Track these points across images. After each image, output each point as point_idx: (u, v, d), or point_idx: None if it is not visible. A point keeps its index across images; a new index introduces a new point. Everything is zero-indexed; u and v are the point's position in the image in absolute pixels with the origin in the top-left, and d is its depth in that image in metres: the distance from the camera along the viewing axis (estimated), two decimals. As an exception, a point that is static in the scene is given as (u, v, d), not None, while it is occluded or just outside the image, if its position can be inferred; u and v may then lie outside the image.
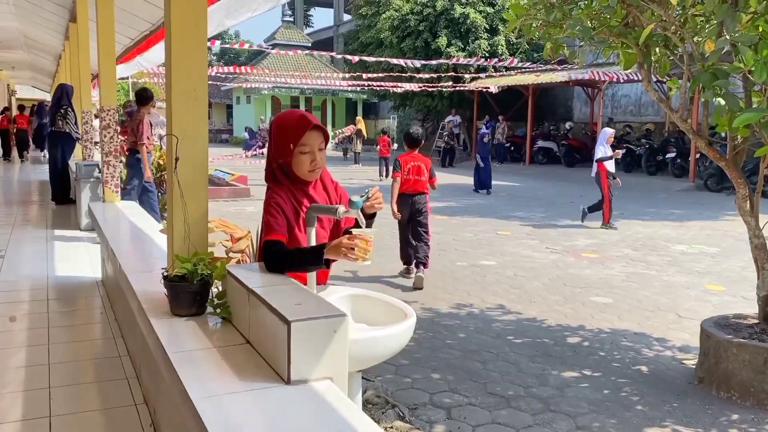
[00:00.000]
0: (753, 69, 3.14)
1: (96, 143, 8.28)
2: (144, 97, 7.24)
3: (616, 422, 3.59)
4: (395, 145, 20.31)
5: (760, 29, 3.33)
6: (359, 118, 26.74)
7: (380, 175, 18.61)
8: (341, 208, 2.11)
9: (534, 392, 3.95)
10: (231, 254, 2.75)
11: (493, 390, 3.97)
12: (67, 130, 8.75)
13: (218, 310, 2.21)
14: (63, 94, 8.97)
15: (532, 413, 3.65)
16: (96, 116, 8.64)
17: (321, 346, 1.71)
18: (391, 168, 13.56)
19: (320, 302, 1.86)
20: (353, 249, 1.99)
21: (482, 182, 15.05)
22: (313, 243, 2.21)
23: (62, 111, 8.71)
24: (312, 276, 2.24)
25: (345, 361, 1.75)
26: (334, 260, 2.15)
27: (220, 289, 2.25)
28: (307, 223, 2.21)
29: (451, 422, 3.54)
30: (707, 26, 3.80)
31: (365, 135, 24.94)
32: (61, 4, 8.85)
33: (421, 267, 6.49)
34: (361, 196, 2.17)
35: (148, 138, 6.89)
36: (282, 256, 2.14)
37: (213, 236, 2.59)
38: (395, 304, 2.39)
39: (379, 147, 19.38)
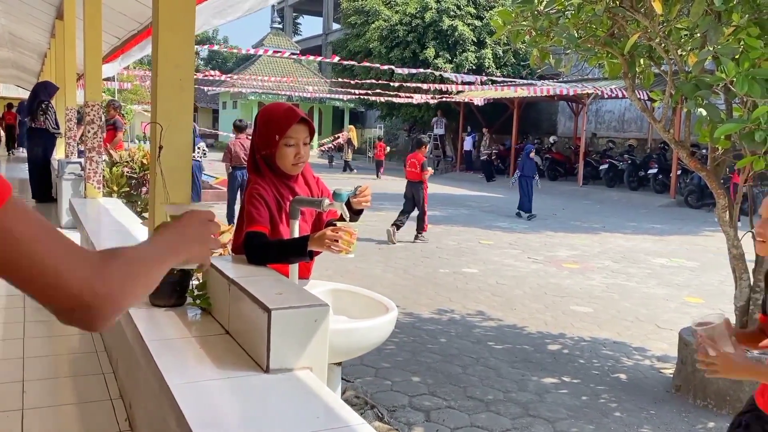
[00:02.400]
0: (735, 80, 3.18)
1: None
2: (240, 126, 9.93)
3: (594, 428, 3.60)
4: (388, 149, 24.00)
5: (742, 42, 3.39)
6: (351, 126, 26.93)
7: (376, 175, 21.94)
8: (326, 201, 2.10)
9: (513, 397, 3.95)
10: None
11: (473, 394, 3.97)
12: (46, 126, 8.65)
13: (198, 301, 2.18)
14: (41, 90, 8.87)
15: (510, 417, 3.66)
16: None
17: (301, 336, 1.70)
18: (383, 169, 21.72)
19: (302, 292, 1.85)
20: (337, 241, 1.98)
21: (528, 203, 12.81)
22: (297, 236, 2.20)
23: (43, 106, 8.61)
24: (294, 270, 2.23)
25: (325, 352, 1.74)
26: (317, 252, 2.14)
27: (200, 280, 2.23)
28: (290, 215, 2.20)
29: (429, 425, 3.53)
30: (690, 39, 3.86)
31: (355, 144, 25.12)
32: (47, 0, 8.78)
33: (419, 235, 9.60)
34: (348, 191, 2.17)
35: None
36: (264, 247, 2.13)
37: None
38: (377, 298, 2.39)
39: (375, 151, 23.25)
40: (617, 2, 3.73)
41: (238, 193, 9.50)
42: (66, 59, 7.97)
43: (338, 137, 26.71)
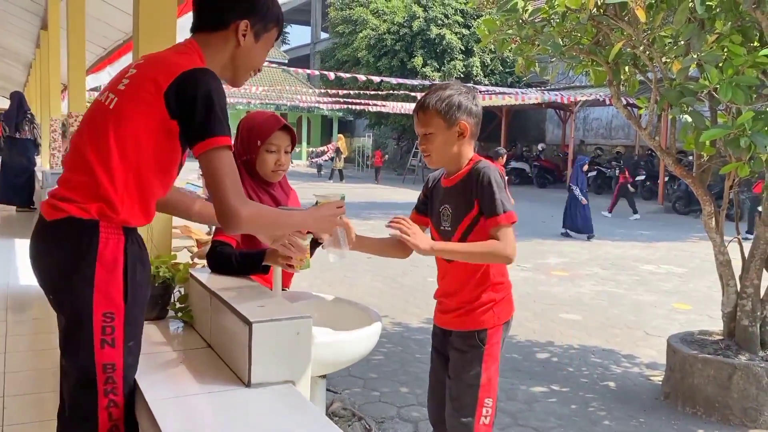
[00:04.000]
0: (718, 87, 3.19)
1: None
2: None
3: (583, 437, 3.58)
4: (386, 156, 27.20)
5: (726, 49, 3.41)
6: (340, 136, 27.27)
7: (376, 180, 24.56)
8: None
9: (502, 406, 3.92)
10: (196, 260, 2.70)
11: (462, 404, 3.94)
12: (30, 137, 8.70)
13: (180, 314, 2.16)
14: (23, 100, 8.94)
15: (500, 427, 3.62)
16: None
17: (283, 349, 1.67)
18: (381, 174, 25.45)
19: (283, 304, 1.83)
20: (290, 258, 2.00)
21: (584, 223, 11.22)
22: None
23: (29, 116, 8.66)
24: (277, 281, 2.20)
25: (308, 365, 1.71)
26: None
27: (182, 292, 2.20)
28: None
29: (418, 436, 3.50)
30: (674, 47, 3.88)
31: (344, 153, 25.41)
32: (32, 10, 8.74)
33: None
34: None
35: None
36: (225, 257, 2.13)
37: (178, 242, 2.54)
38: (361, 309, 2.36)
39: (374, 159, 26.48)
40: (601, 10, 3.74)
41: None
42: (51, 70, 7.93)
43: (327, 149, 26.98)
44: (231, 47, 1.70)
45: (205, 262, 2.60)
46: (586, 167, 11.53)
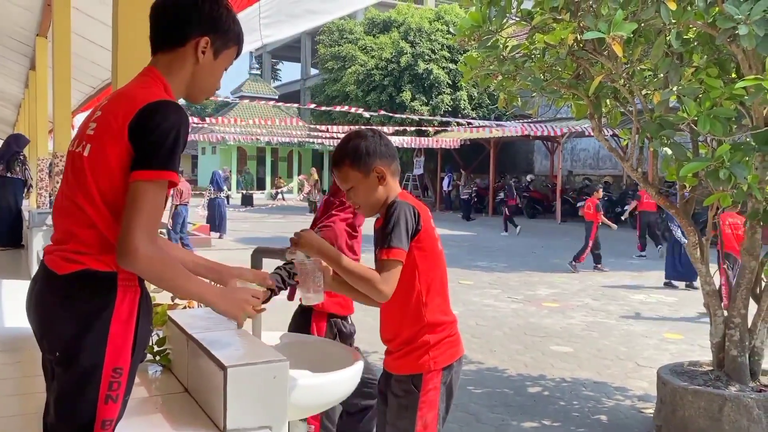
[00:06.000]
0: (697, 119, 3.23)
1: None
2: None
3: (574, 473, 3.53)
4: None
5: (703, 82, 3.46)
6: (313, 169, 27.62)
7: None
8: (288, 251, 2.06)
9: (492, 443, 3.87)
10: (177, 301, 2.67)
11: (451, 442, 3.88)
12: (21, 177, 8.71)
13: (158, 358, 2.12)
14: (13, 142, 8.97)
15: (490, 465, 3.57)
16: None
17: (259, 393, 1.64)
18: None
19: (260, 347, 1.80)
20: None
21: (685, 268, 9.29)
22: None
23: (21, 158, 8.73)
24: (258, 322, 2.18)
25: (285, 409, 1.68)
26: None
27: (160, 335, 2.17)
28: (253, 266, 2.16)
29: (407, 476, 3.42)
30: (654, 80, 3.93)
31: (318, 185, 25.77)
32: (21, 52, 8.81)
33: (573, 262, 11.04)
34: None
35: None
36: None
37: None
38: (342, 348, 2.33)
39: None
40: (580, 45, 3.80)
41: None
42: (38, 109, 7.95)
43: (309, 188, 27.23)
44: (190, 65, 1.64)
45: (185, 302, 2.57)
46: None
